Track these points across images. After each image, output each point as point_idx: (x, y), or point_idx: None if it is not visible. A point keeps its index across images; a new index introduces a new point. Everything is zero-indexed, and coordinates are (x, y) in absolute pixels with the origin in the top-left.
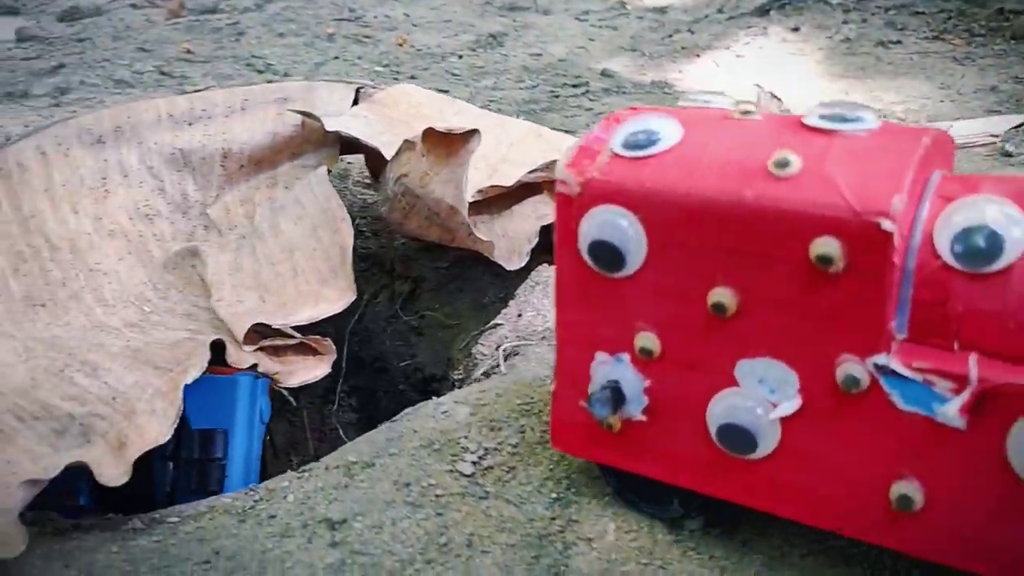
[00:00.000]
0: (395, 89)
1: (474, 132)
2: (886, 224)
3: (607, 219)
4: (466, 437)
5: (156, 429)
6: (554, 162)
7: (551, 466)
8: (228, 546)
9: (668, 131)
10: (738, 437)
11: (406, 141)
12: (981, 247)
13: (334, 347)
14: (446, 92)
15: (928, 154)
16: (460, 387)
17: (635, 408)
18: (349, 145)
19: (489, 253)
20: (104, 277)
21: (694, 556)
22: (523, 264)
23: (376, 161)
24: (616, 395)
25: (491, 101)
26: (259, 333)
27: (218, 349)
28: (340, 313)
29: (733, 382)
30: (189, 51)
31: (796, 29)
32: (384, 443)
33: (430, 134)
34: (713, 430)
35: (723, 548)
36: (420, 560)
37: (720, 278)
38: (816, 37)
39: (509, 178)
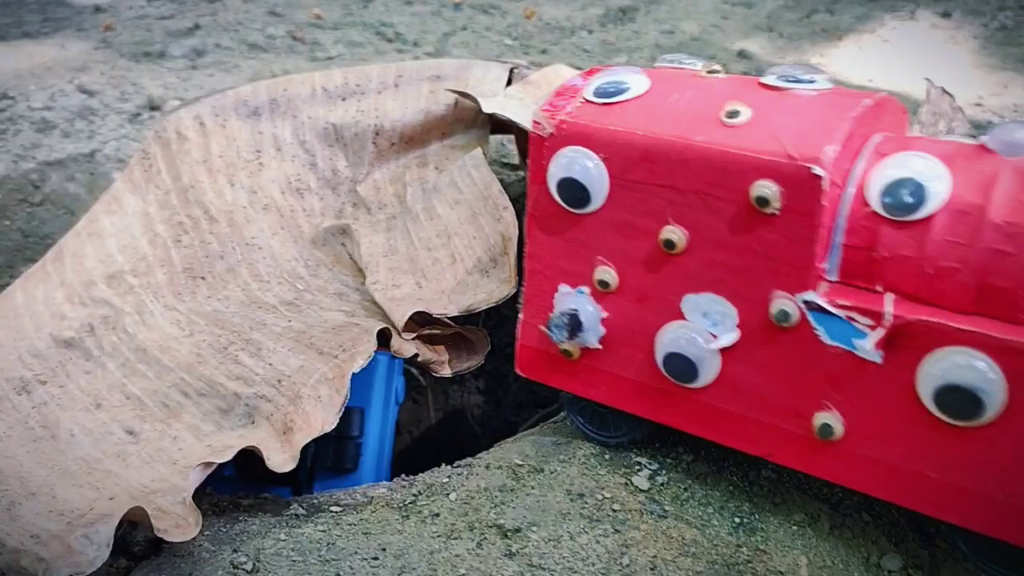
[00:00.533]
0: (549, 69)
1: None
2: (817, 170)
3: (574, 159)
4: (639, 449)
5: (322, 417)
6: None
7: (730, 487)
8: (394, 543)
9: (636, 83)
10: (682, 366)
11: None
12: (906, 198)
13: (488, 338)
14: (579, 68)
15: (869, 115)
16: None
17: (592, 337)
18: (497, 125)
19: None
20: (259, 252)
21: None
22: None
23: (526, 143)
24: (573, 321)
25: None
26: (416, 321)
27: (379, 336)
28: None
29: (680, 315)
30: (319, 16)
31: (947, 15)
32: (552, 447)
33: None
34: (660, 359)
35: None
36: None
37: (671, 217)
38: (969, 24)
39: None
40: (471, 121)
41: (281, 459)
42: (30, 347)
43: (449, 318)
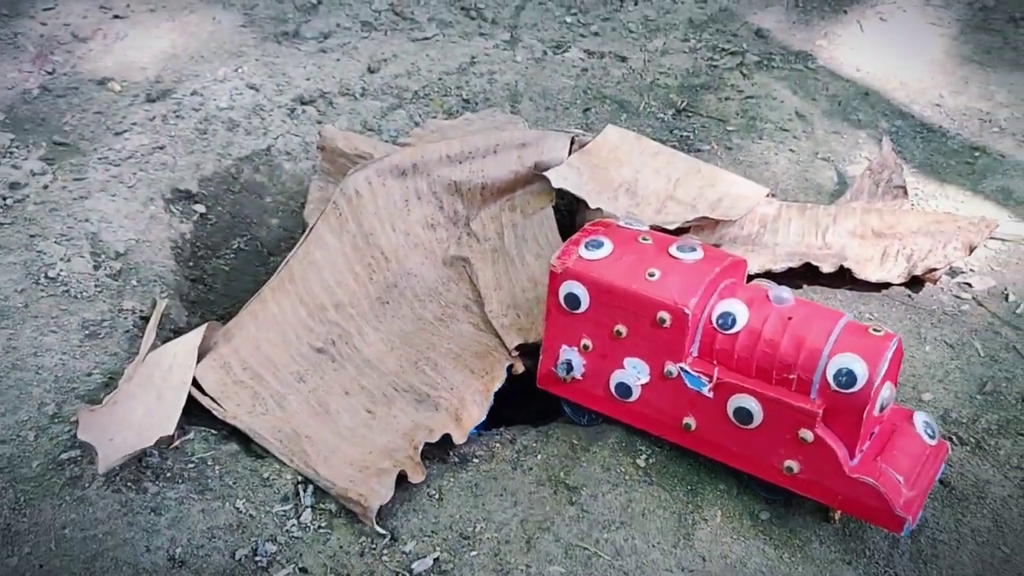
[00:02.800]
0: (600, 138)
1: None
2: (686, 310)
3: (572, 286)
4: (641, 440)
5: (478, 412)
6: (702, 218)
7: (688, 467)
8: (510, 486)
9: (606, 245)
10: (623, 390)
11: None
12: (726, 321)
13: None
14: (624, 60)
15: (722, 272)
16: None
17: (578, 372)
18: None
19: None
20: (415, 278)
21: None
22: None
23: (581, 202)
24: (568, 366)
25: (660, 73)
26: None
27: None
28: None
29: (622, 366)
30: None
31: None
32: (593, 434)
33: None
34: (612, 387)
35: None
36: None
37: (619, 320)
38: (957, 2)
39: (671, 221)
40: (544, 178)
41: (459, 435)
42: (297, 350)
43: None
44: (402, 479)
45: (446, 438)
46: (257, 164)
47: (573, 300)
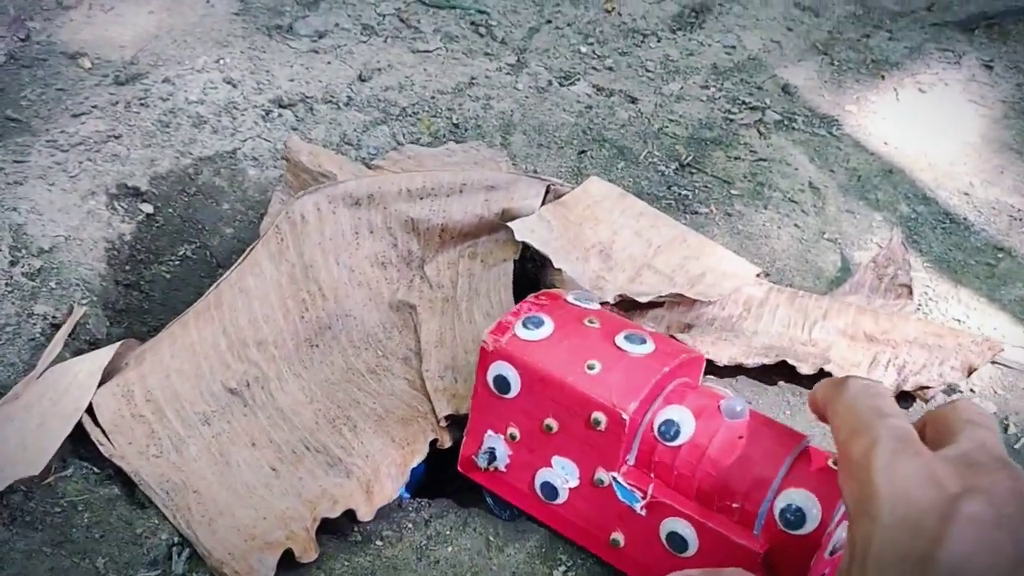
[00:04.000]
0: (580, 190)
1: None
2: (624, 415)
3: (502, 368)
4: (563, 548)
5: (391, 488)
6: (677, 295)
7: None
8: None
9: (547, 324)
10: (548, 490)
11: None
12: (669, 431)
13: None
14: (635, 101)
15: (673, 371)
16: None
17: (501, 463)
18: None
19: None
20: (353, 321)
21: None
22: None
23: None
24: (492, 454)
25: (671, 121)
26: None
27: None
28: None
29: (550, 464)
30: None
31: (989, 66)
32: (513, 532)
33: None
34: (537, 485)
35: None
36: None
37: (551, 413)
38: (1006, 81)
39: (643, 292)
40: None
41: (365, 512)
42: (208, 387)
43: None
44: (290, 554)
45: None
46: (219, 167)
47: (503, 383)
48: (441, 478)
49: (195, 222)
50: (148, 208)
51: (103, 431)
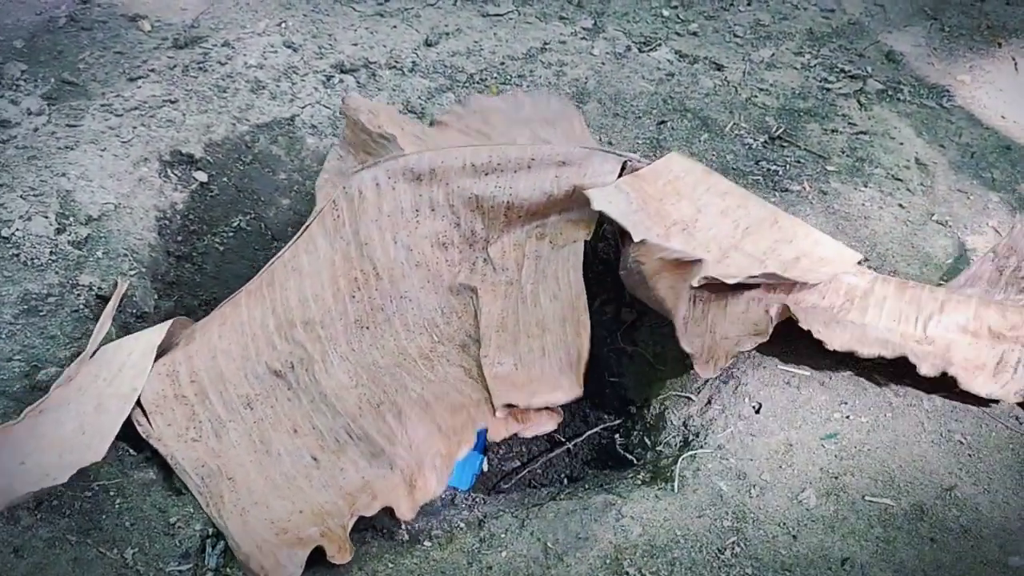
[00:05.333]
0: (660, 164)
1: (699, 262)
2: None
3: None
4: (635, 567)
5: (435, 483)
6: (772, 274)
7: None
8: None
9: None
10: None
11: (644, 242)
12: None
13: (562, 412)
14: (721, 69)
15: None
16: (645, 454)
17: None
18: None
19: (692, 358)
20: (409, 303)
21: None
22: (717, 374)
23: (624, 235)
24: None
25: (760, 90)
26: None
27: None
28: None
29: None
30: None
31: None
32: (573, 540)
33: (655, 254)
34: None
35: None
36: None
37: None
38: None
39: (731, 274)
40: (586, 202)
41: (406, 509)
42: (253, 369)
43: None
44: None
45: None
46: (276, 134)
47: None
48: (499, 472)
49: (250, 192)
50: (202, 176)
51: (143, 411)
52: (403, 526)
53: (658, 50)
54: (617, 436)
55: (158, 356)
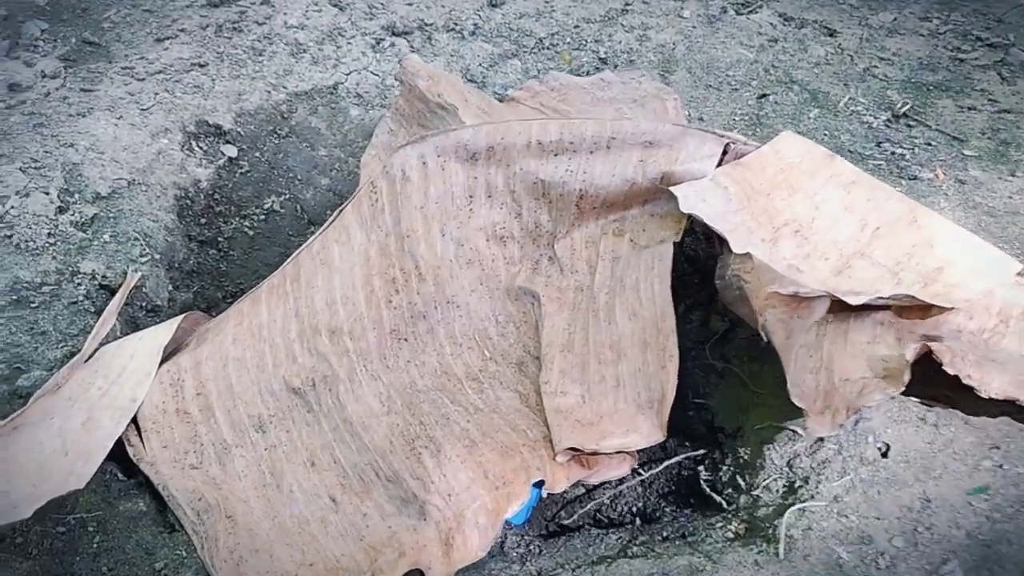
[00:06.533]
0: (769, 148)
1: (822, 300)
2: None
3: None
4: None
5: (476, 543)
6: (909, 296)
7: None
8: None
9: None
10: None
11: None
12: None
13: (636, 455)
14: (833, 35)
15: None
16: (738, 498)
17: None
18: None
19: (804, 410)
20: (457, 311)
21: None
22: (835, 432)
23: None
24: None
25: (880, 60)
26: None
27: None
28: None
29: None
30: None
31: None
32: None
33: (763, 276)
34: None
35: None
36: None
37: None
38: None
39: (856, 292)
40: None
41: (439, 572)
42: (268, 384)
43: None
44: None
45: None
46: (316, 104)
47: None
48: (560, 500)
49: (285, 169)
50: (231, 151)
51: (137, 428)
52: None
53: (759, 12)
54: (701, 469)
55: (164, 359)
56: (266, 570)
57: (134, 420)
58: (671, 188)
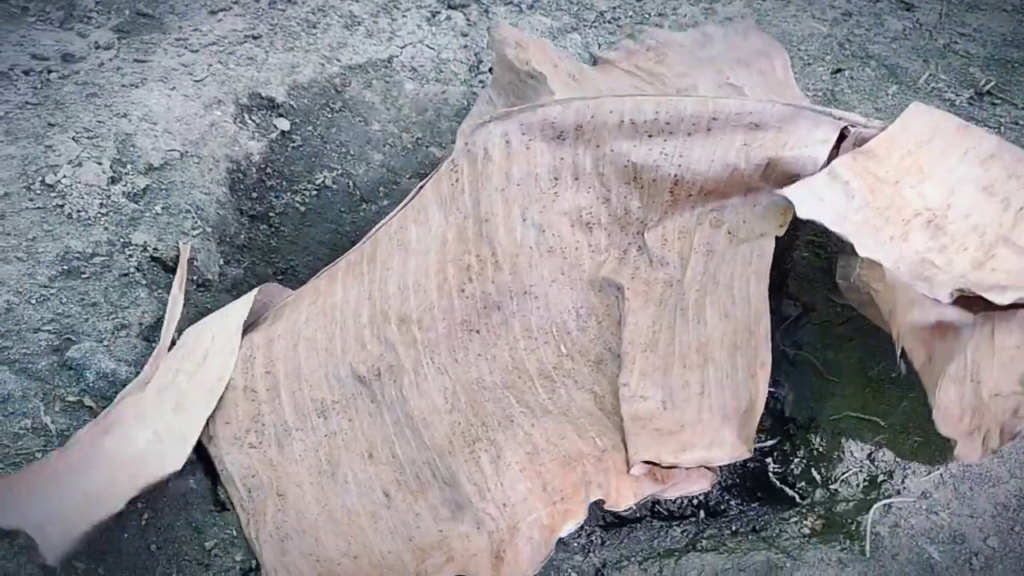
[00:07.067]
0: (896, 127)
1: (969, 329)
2: None
3: None
4: None
5: (528, 560)
6: None
7: None
8: None
9: None
10: None
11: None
12: None
13: (718, 470)
14: (911, 9)
15: None
16: (812, 492)
17: None
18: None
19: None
20: (535, 302)
21: None
22: (986, 457)
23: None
24: None
25: (961, 35)
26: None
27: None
28: None
29: None
30: None
31: None
32: None
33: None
34: None
35: None
36: None
37: None
38: None
39: (1000, 285)
40: (781, 182)
41: None
42: (335, 370)
43: None
44: None
45: None
46: (371, 77)
47: None
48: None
49: (338, 144)
50: (284, 124)
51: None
52: None
53: None
54: (770, 461)
55: (244, 332)
56: (310, 552)
57: None
58: (783, 191)
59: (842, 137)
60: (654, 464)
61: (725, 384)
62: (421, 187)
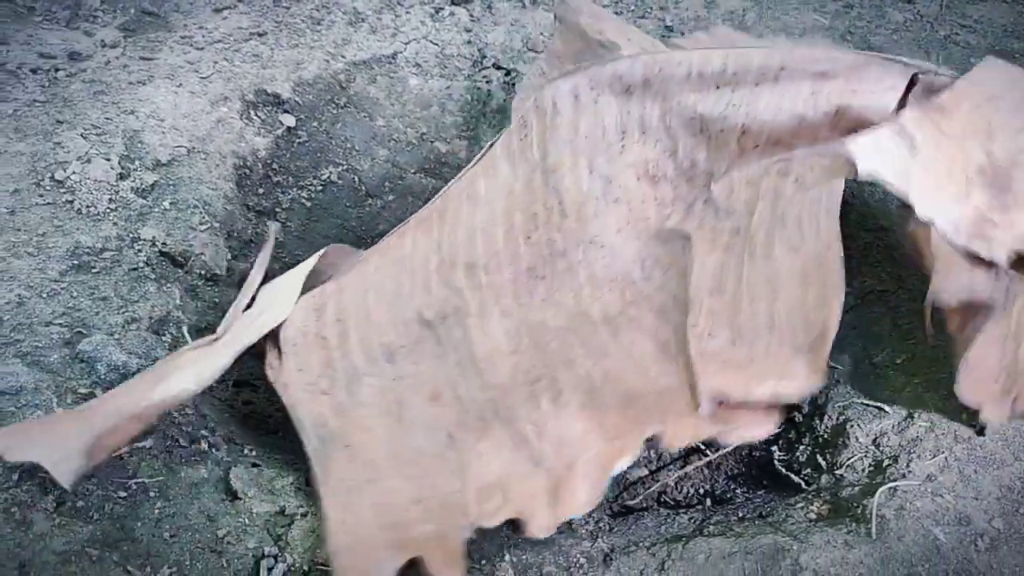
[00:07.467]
0: (966, 82)
1: (992, 309)
2: None
3: None
4: None
5: (584, 498)
6: None
7: None
8: None
9: None
10: None
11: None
12: None
13: (783, 412)
14: (911, 1)
15: None
16: (818, 477)
17: None
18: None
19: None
20: (600, 251)
21: None
22: (1013, 419)
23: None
24: None
25: (962, 27)
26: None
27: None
28: None
29: None
30: None
31: None
32: None
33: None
34: None
35: None
36: None
37: None
38: None
39: None
40: (849, 128)
41: (543, 523)
42: (401, 314)
43: None
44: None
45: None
46: (375, 73)
47: None
48: (622, 481)
49: (343, 140)
50: (289, 120)
51: (279, 350)
52: (505, 557)
53: None
54: (775, 449)
55: (313, 286)
56: (375, 502)
57: (276, 343)
58: (845, 147)
59: (911, 84)
60: (721, 403)
61: (794, 315)
62: (491, 144)
